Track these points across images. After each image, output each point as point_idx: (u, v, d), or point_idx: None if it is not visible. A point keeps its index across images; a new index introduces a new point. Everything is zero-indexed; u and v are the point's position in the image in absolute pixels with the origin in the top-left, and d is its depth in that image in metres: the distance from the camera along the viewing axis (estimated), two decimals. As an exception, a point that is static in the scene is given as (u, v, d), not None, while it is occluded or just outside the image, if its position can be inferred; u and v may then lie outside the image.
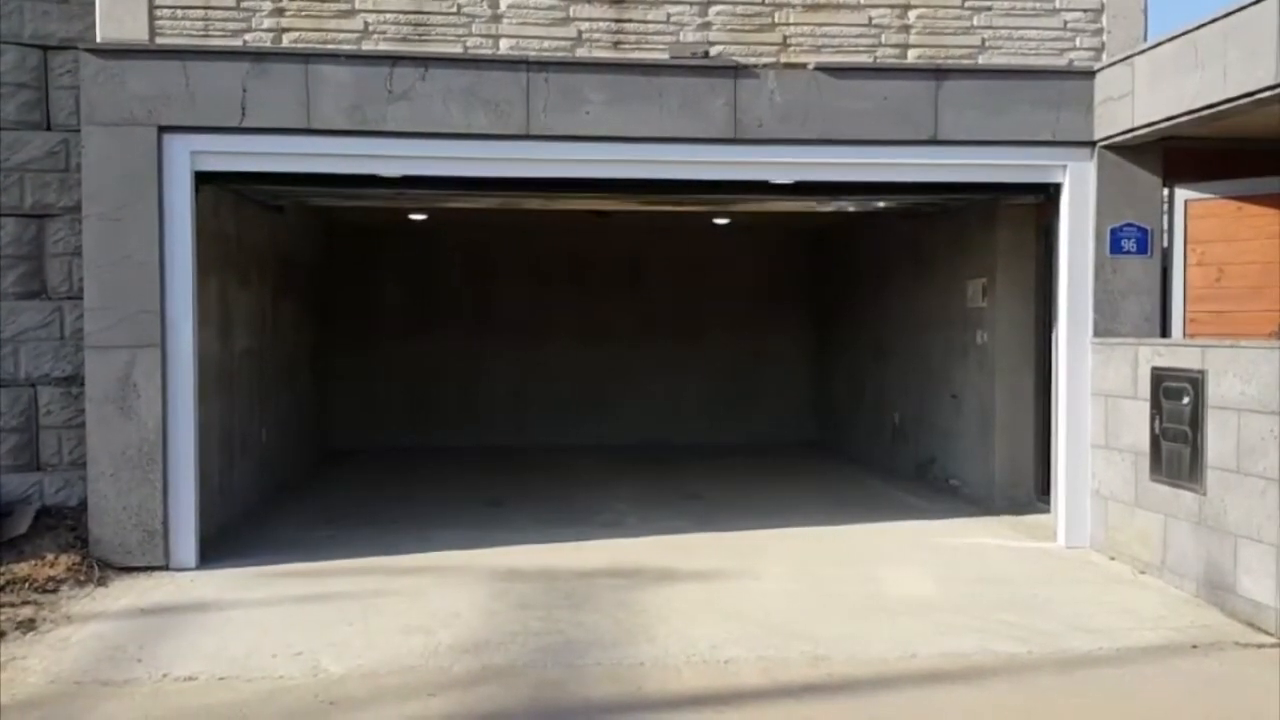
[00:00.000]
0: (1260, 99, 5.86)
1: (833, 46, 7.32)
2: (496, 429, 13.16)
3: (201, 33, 6.88)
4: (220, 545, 7.17)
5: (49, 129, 7.06)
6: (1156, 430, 6.52)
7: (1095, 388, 7.29)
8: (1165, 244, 7.57)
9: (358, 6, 6.98)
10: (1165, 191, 7.46)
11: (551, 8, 7.12)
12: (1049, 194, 7.57)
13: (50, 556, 6.43)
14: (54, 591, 6.07)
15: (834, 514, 8.56)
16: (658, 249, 13.25)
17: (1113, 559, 6.99)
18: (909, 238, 10.55)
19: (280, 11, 6.93)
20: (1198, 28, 6.28)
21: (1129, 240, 7.33)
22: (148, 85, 6.66)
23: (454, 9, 7.06)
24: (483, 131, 6.93)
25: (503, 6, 7.08)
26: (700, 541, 7.56)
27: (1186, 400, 6.21)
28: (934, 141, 7.24)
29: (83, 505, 6.83)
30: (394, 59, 6.88)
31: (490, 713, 4.44)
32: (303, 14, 6.95)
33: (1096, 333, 7.33)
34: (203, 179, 6.88)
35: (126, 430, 6.62)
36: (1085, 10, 7.49)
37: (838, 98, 7.16)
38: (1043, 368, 8.38)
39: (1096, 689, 4.73)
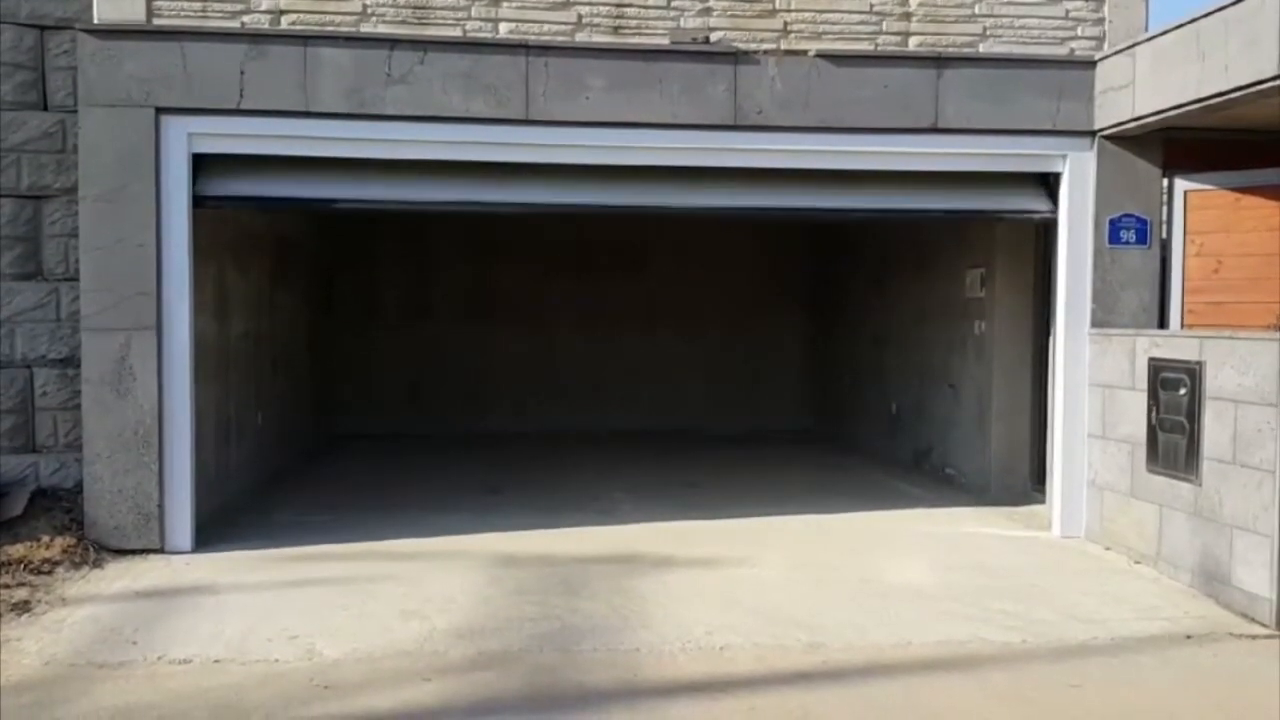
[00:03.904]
0: (1261, 90, 5.85)
1: (834, 33, 7.30)
2: (495, 416, 13.13)
3: (199, 14, 6.85)
4: (216, 529, 7.17)
5: (46, 109, 7.04)
6: (1153, 421, 6.52)
7: (1092, 378, 7.29)
8: (1164, 235, 7.56)
9: (357, -11, 6.96)
10: (1165, 182, 7.44)
11: (552, -8, 7.11)
12: (1048, 184, 7.55)
13: (45, 538, 6.42)
14: (49, 573, 6.06)
15: (831, 502, 8.57)
16: (659, 237, 13.20)
17: (1108, 549, 7.00)
18: (909, 228, 10.52)
19: (279, -7, 6.91)
20: (1199, 18, 6.26)
21: (1128, 231, 7.32)
22: (145, 66, 6.62)
23: (453, -8, 7.04)
24: (482, 116, 6.89)
25: (503, -10, 7.07)
26: (697, 529, 7.56)
27: (1184, 391, 6.21)
28: (934, 130, 7.22)
29: (78, 487, 6.82)
30: (393, 42, 6.84)
31: (485, 698, 4.45)
32: (301, -4, 6.92)
33: (1094, 323, 7.33)
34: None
35: (122, 413, 6.61)
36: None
37: (838, 85, 7.13)
38: (1040, 358, 8.37)
39: (1091, 679, 4.74)
